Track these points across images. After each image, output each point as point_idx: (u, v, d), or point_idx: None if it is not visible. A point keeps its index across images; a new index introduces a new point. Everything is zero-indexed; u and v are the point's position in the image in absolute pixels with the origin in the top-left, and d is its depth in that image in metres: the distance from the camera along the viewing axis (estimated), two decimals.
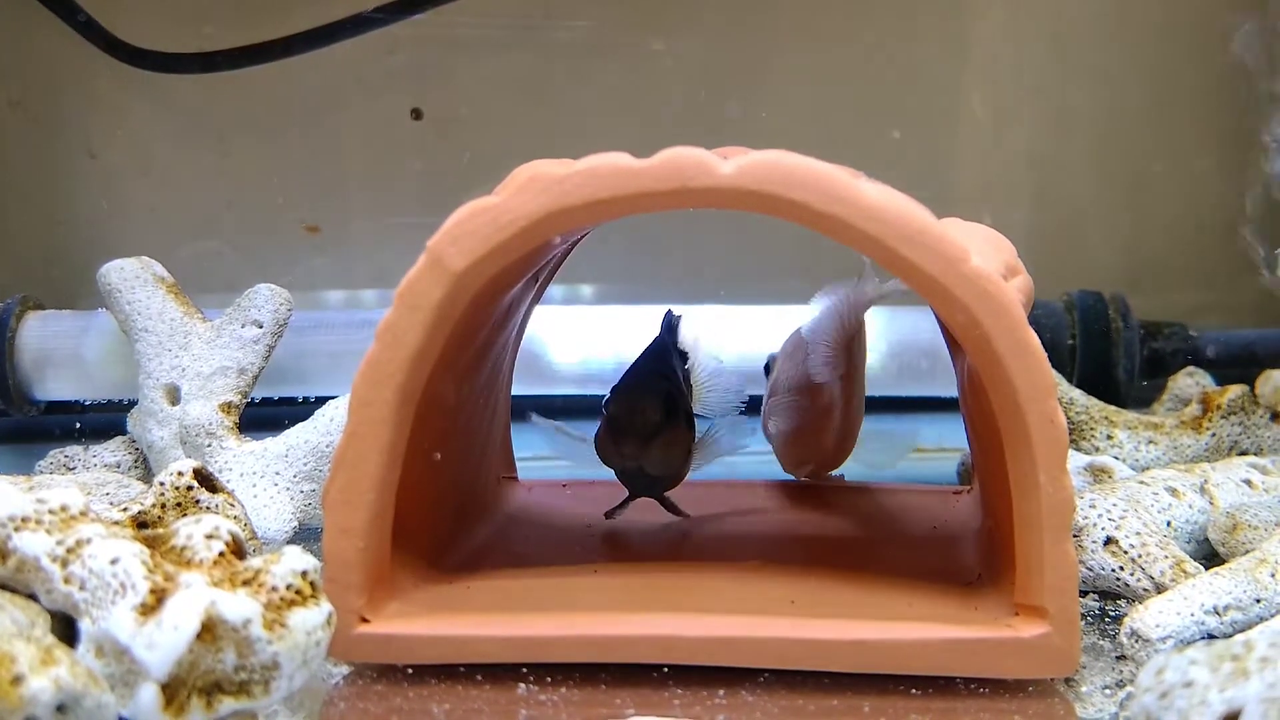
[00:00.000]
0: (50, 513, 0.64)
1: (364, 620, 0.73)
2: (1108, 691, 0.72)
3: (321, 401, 1.08)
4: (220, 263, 1.63)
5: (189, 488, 0.85)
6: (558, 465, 1.07)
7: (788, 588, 0.80)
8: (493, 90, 1.62)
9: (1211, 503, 0.96)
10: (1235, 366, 1.42)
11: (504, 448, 1.04)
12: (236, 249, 1.64)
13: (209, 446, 1.05)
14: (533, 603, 0.78)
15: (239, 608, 0.61)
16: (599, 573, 0.84)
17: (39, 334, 1.38)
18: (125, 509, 0.83)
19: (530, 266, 0.85)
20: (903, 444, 1.12)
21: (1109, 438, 1.16)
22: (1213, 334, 1.48)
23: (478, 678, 0.73)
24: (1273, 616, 0.77)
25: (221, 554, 0.65)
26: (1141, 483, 0.96)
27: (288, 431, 1.06)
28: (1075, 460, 1.07)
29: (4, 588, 0.63)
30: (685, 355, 1.00)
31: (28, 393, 1.39)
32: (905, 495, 1.05)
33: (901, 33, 1.64)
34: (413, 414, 0.74)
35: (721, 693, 0.71)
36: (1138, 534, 0.87)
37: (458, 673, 0.73)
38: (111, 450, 1.16)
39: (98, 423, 1.30)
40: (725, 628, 0.72)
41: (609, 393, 0.89)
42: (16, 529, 0.63)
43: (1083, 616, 0.81)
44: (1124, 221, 1.67)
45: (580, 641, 0.72)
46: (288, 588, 0.63)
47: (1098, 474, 1.05)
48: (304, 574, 0.64)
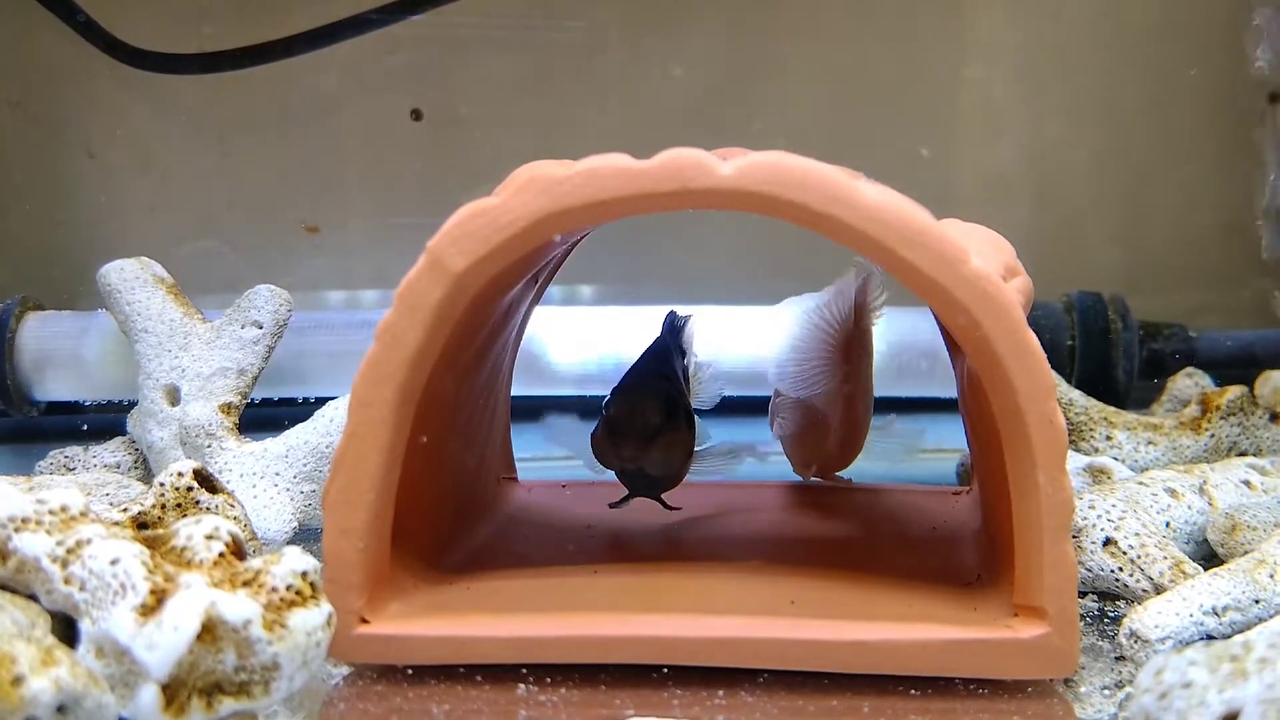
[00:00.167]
0: (50, 513, 0.64)
1: (364, 621, 0.73)
2: (1107, 692, 0.72)
3: (321, 402, 1.08)
4: (220, 263, 1.63)
5: (189, 488, 0.85)
6: (559, 465, 1.07)
7: (787, 588, 0.80)
8: (493, 90, 1.62)
9: (1210, 504, 0.96)
10: (1234, 367, 1.42)
11: (504, 448, 1.04)
12: (236, 249, 1.63)
13: (209, 447, 1.05)
14: (533, 603, 0.78)
15: (239, 608, 0.61)
16: (599, 573, 0.84)
17: (39, 334, 1.38)
18: (125, 510, 0.83)
19: (530, 267, 0.85)
20: (912, 441, 1.11)
21: (1108, 438, 1.16)
22: (1212, 335, 1.48)
23: (477, 678, 0.73)
24: (1271, 617, 0.77)
25: (221, 555, 0.65)
26: (1140, 483, 0.96)
27: (287, 432, 1.06)
28: (1074, 461, 1.07)
29: (4, 588, 0.63)
30: (685, 354, 1.00)
31: (27, 393, 1.40)
32: (905, 496, 1.05)
33: (902, 33, 1.64)
34: (412, 414, 0.74)
35: (721, 693, 0.71)
36: (1137, 535, 0.87)
37: (457, 673, 0.73)
38: (111, 451, 1.16)
39: (97, 423, 1.30)
40: (725, 628, 0.72)
41: (609, 393, 0.89)
42: (17, 529, 0.63)
43: (1082, 617, 0.81)
44: (1124, 222, 1.67)
45: (580, 642, 0.72)
46: (288, 588, 0.63)
47: (1097, 475, 1.05)
48: (304, 574, 0.64)
